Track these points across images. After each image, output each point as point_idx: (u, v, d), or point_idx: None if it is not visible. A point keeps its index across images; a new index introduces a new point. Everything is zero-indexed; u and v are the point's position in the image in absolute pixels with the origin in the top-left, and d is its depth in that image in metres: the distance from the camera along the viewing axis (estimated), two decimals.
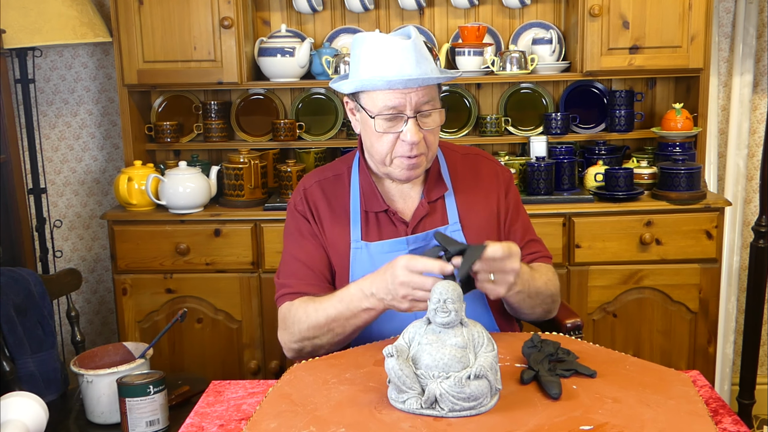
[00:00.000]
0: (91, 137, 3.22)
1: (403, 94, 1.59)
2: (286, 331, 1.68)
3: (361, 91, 1.63)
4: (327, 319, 1.60)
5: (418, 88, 1.59)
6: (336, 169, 1.82)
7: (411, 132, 1.60)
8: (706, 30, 2.75)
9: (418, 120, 1.61)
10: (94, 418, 2.05)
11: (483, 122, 2.99)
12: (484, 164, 1.83)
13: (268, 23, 3.09)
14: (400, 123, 1.61)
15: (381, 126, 1.62)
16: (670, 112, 2.82)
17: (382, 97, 1.60)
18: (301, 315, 1.64)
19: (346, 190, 1.77)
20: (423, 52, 1.59)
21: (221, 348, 2.80)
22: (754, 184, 3.13)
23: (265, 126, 3.09)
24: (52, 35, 2.76)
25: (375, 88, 1.60)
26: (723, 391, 3.14)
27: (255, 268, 2.73)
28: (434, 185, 1.75)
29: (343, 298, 1.58)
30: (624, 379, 1.30)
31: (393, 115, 1.60)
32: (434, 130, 1.66)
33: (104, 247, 3.27)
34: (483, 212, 1.76)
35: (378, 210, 1.73)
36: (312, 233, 1.75)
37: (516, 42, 3.03)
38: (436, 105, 1.64)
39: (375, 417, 1.19)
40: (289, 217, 1.80)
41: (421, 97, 1.60)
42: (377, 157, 1.68)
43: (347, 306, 1.57)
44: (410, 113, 1.60)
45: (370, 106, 1.62)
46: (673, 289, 2.70)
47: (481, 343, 1.23)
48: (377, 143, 1.65)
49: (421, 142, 1.63)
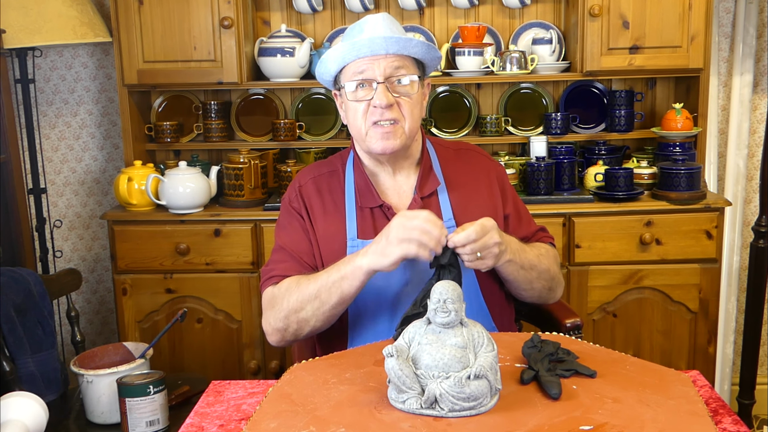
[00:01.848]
0: (91, 137, 3.22)
1: (372, 60, 1.63)
2: (272, 310, 1.65)
3: (340, 72, 1.68)
4: (317, 287, 1.58)
5: (388, 54, 1.62)
6: (331, 164, 1.83)
7: (378, 95, 1.63)
8: (706, 30, 2.75)
9: (390, 87, 1.64)
10: (94, 418, 2.05)
11: (483, 122, 2.99)
12: (476, 159, 1.84)
13: (268, 23, 3.09)
14: (370, 91, 1.65)
15: (352, 94, 1.65)
16: (670, 112, 2.82)
17: (353, 66, 1.65)
18: (292, 287, 1.62)
19: (341, 186, 1.77)
20: (395, 25, 1.66)
21: (221, 348, 2.80)
22: (754, 184, 3.13)
23: (265, 126, 3.10)
24: (52, 35, 2.76)
25: (344, 59, 1.64)
26: (723, 391, 3.14)
27: (255, 268, 2.73)
28: (426, 180, 1.75)
29: (332, 267, 1.59)
30: (624, 379, 1.30)
31: (362, 80, 1.64)
32: (412, 98, 1.67)
33: (104, 247, 3.27)
34: (478, 208, 1.75)
35: (373, 206, 1.73)
36: (304, 228, 1.75)
37: (516, 42, 3.03)
38: (411, 72, 1.66)
39: (375, 417, 1.19)
40: (284, 211, 1.80)
41: (392, 62, 1.63)
42: (355, 133, 1.71)
43: (337, 268, 1.57)
44: (380, 79, 1.63)
45: (344, 80, 1.68)
46: (673, 289, 2.70)
47: (481, 343, 1.23)
48: (352, 116, 1.68)
49: (393, 108, 1.64)
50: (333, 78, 1.73)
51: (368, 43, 1.61)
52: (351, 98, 1.66)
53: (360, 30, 1.65)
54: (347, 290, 1.56)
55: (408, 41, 1.64)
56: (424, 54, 1.68)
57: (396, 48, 1.63)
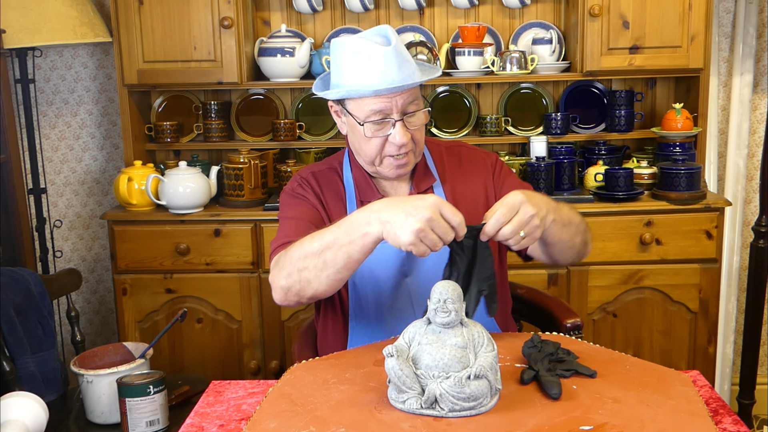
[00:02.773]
0: (91, 137, 3.22)
1: (389, 99, 1.62)
2: (278, 267, 1.56)
3: (348, 98, 1.66)
4: (321, 245, 1.48)
5: (403, 91, 1.62)
6: (328, 163, 1.84)
7: (399, 134, 1.64)
8: (706, 30, 2.75)
9: (405, 121, 1.65)
10: (94, 418, 2.05)
11: (483, 122, 2.99)
12: (468, 153, 1.85)
13: (268, 23, 3.09)
14: (387, 126, 1.65)
15: (370, 131, 1.65)
16: (670, 112, 2.82)
17: (369, 102, 1.62)
18: (296, 245, 1.53)
19: (340, 182, 1.78)
20: (404, 55, 1.62)
21: (221, 348, 2.80)
22: (754, 184, 3.13)
23: (265, 126, 3.09)
24: (52, 35, 2.76)
25: (362, 96, 1.62)
26: (723, 391, 3.14)
27: (255, 268, 2.73)
28: (422, 177, 1.77)
29: (343, 222, 1.48)
30: (624, 379, 1.30)
31: (380, 120, 1.64)
32: (420, 128, 1.69)
33: (104, 247, 3.27)
34: (472, 200, 1.77)
35: (372, 199, 1.72)
36: (313, 205, 1.73)
37: (516, 42, 3.03)
38: (420, 104, 1.68)
39: (375, 417, 1.19)
40: (287, 199, 1.77)
41: (406, 98, 1.63)
42: (366, 159, 1.71)
43: (345, 230, 1.45)
44: (397, 116, 1.63)
45: (356, 111, 1.65)
46: (673, 289, 2.70)
47: (481, 343, 1.23)
48: (366, 146, 1.68)
49: (408, 142, 1.66)
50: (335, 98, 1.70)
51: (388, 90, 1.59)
52: (368, 134, 1.64)
53: (368, 59, 1.59)
54: (354, 255, 1.46)
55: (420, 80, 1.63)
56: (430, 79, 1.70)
57: (411, 85, 1.63)
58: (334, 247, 1.46)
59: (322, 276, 1.49)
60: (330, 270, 1.48)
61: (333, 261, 1.47)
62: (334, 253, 1.46)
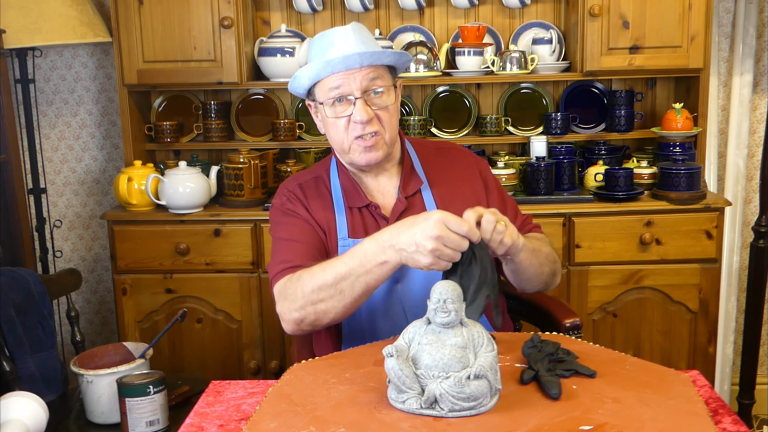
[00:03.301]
0: (91, 137, 3.22)
1: (347, 75, 1.62)
2: (286, 300, 1.58)
3: (313, 83, 1.67)
4: (336, 277, 1.49)
5: (362, 67, 1.62)
6: (314, 172, 1.83)
7: (359, 111, 1.63)
8: (706, 30, 2.75)
9: (368, 100, 1.64)
10: (94, 418, 2.05)
11: (483, 122, 2.99)
12: (457, 156, 1.85)
13: (268, 23, 3.09)
14: (348, 106, 1.64)
15: (331, 111, 1.65)
16: (670, 112, 2.82)
17: (328, 82, 1.64)
18: (305, 278, 1.54)
19: (327, 190, 1.77)
20: (365, 35, 1.64)
21: (221, 348, 2.80)
22: (754, 184, 3.13)
23: (265, 126, 3.10)
24: (52, 35, 2.76)
25: (319, 76, 1.63)
26: (723, 391, 3.14)
27: (255, 268, 2.73)
28: (409, 179, 1.76)
29: (354, 253, 1.48)
30: (624, 379, 1.30)
31: (339, 96, 1.63)
32: (389, 108, 1.67)
33: (104, 247, 3.27)
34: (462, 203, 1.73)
35: (360, 205, 1.73)
36: (306, 220, 1.73)
37: (516, 42, 3.03)
38: (387, 83, 1.67)
39: (375, 417, 1.19)
40: (278, 216, 1.77)
41: (367, 74, 1.63)
42: (337, 147, 1.71)
43: (360, 261, 1.47)
44: (357, 94, 1.63)
45: (321, 96, 1.66)
46: (673, 289, 2.70)
47: (481, 343, 1.23)
48: (333, 131, 1.68)
49: (373, 121, 1.65)
50: (306, 91, 1.72)
51: (342, 60, 1.60)
52: (330, 114, 1.65)
53: (330, 43, 1.63)
54: (372, 283, 1.49)
55: (381, 53, 1.64)
56: (395, 61, 1.69)
57: (370, 61, 1.62)
58: (350, 278, 1.48)
59: (339, 306, 1.52)
60: (348, 300, 1.51)
61: (350, 291, 1.49)
62: (351, 284, 1.49)
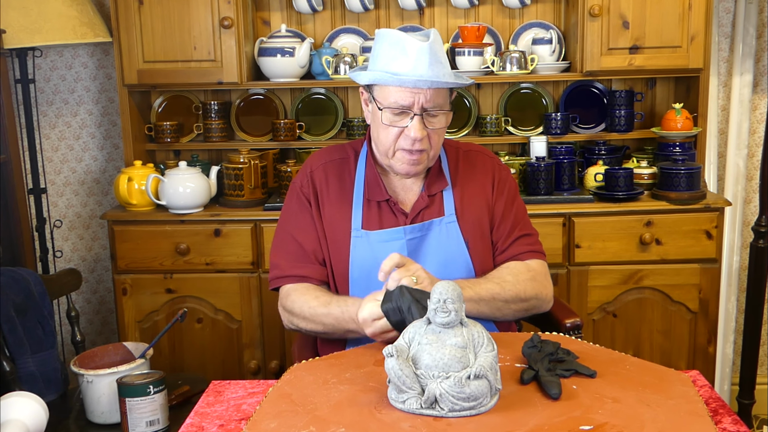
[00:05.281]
0: (91, 137, 3.22)
1: (413, 93, 1.64)
2: (284, 309, 1.79)
3: (375, 83, 1.69)
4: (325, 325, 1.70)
5: (428, 89, 1.64)
6: (344, 152, 1.86)
7: (415, 128, 1.66)
8: (706, 30, 2.75)
9: (424, 118, 1.66)
10: (94, 418, 2.05)
11: (483, 122, 2.99)
12: (478, 160, 1.87)
13: (268, 23, 3.09)
14: (405, 118, 1.67)
15: (388, 118, 1.67)
16: (670, 112, 2.82)
17: (393, 92, 1.65)
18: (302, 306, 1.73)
19: (350, 176, 1.81)
20: (439, 56, 1.64)
21: (221, 348, 2.80)
22: (754, 184, 3.13)
23: (265, 126, 3.09)
24: (52, 35, 2.76)
25: (387, 84, 1.65)
26: (723, 391, 3.14)
27: (255, 268, 2.73)
28: (435, 180, 1.80)
29: (336, 315, 1.66)
30: (624, 379, 1.30)
31: (400, 110, 1.66)
32: (439, 130, 1.71)
33: (104, 247, 3.27)
34: (478, 206, 1.81)
35: (380, 199, 1.77)
36: (311, 216, 1.80)
37: (516, 42, 3.03)
38: (444, 108, 1.70)
39: (375, 417, 1.19)
40: (293, 196, 1.84)
41: (430, 97, 1.65)
42: (381, 148, 1.74)
43: (339, 321, 1.66)
44: (417, 111, 1.65)
45: (381, 98, 1.68)
46: (673, 289, 2.70)
47: (481, 343, 1.23)
48: (383, 134, 1.71)
49: (424, 140, 1.68)
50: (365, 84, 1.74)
51: (413, 82, 1.62)
52: (386, 121, 1.68)
53: (403, 52, 1.63)
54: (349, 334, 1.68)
55: (447, 83, 1.65)
56: (459, 86, 1.72)
57: (438, 85, 1.65)
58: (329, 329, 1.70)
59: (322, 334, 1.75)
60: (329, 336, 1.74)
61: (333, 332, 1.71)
62: (333, 329, 1.69)
